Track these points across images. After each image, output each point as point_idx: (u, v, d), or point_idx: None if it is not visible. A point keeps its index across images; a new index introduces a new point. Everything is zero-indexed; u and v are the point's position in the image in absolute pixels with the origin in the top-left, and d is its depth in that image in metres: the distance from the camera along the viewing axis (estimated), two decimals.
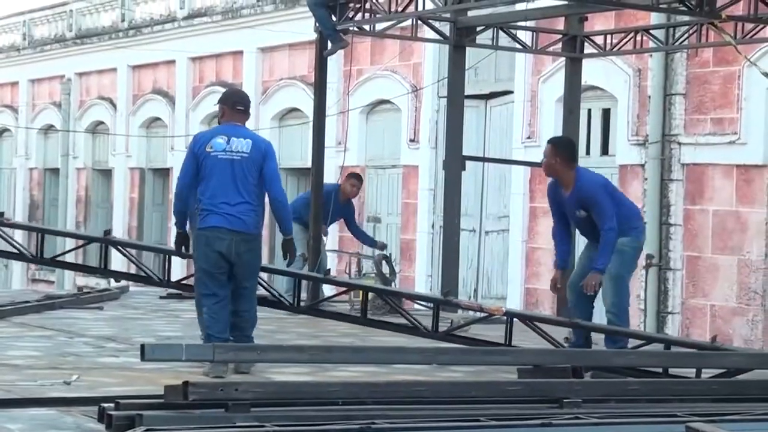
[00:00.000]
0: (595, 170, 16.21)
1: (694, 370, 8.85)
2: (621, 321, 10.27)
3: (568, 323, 10.53)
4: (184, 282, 11.58)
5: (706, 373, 8.80)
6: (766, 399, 7.28)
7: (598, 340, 10.55)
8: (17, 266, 30.28)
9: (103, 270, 10.40)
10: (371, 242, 16.21)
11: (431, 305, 11.19)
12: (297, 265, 10.75)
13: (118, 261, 22.58)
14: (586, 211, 10.18)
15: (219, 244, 8.73)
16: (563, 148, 10.49)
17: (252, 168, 8.79)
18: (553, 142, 10.78)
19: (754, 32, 12.81)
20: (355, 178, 15.86)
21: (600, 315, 10.90)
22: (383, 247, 15.86)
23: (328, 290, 14.72)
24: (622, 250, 10.19)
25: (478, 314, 11.14)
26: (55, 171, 29.25)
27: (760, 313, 14.42)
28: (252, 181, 8.81)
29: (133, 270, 12.74)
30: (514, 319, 10.54)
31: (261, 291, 10.19)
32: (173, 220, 9.64)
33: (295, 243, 9.49)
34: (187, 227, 9.27)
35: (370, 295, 14.24)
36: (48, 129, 29.60)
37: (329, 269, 13.97)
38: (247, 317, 8.99)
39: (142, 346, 7.72)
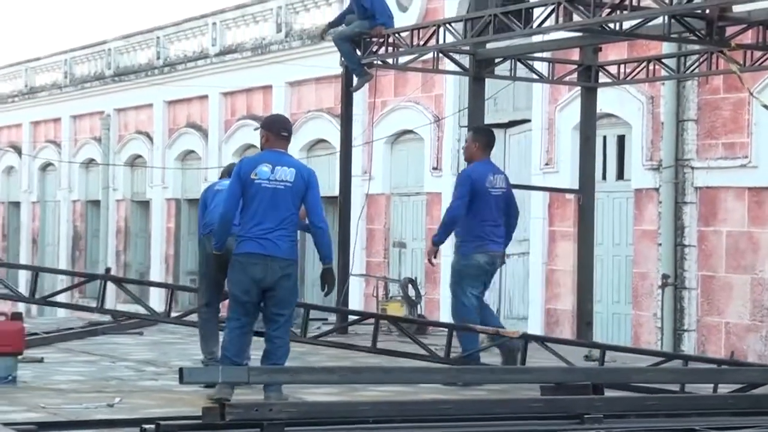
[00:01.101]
0: (611, 195, 16.33)
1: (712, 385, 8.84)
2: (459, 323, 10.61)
3: (584, 343, 10.51)
4: (185, 317, 11.26)
5: (723, 388, 8.76)
6: None
7: (614, 357, 10.48)
8: (62, 294, 30.40)
9: (101, 308, 10.03)
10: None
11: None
12: None
13: (155, 295, 22.76)
14: None
15: (253, 269, 8.45)
16: (481, 135, 10.94)
17: (294, 197, 8.52)
18: (473, 129, 11.37)
19: (762, 59, 12.78)
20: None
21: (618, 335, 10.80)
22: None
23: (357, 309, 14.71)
24: (451, 266, 10.52)
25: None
26: (96, 203, 29.42)
27: None
28: (293, 210, 8.53)
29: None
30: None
31: None
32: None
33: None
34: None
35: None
36: (89, 163, 29.81)
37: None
38: (281, 344, 8.59)
39: (181, 370, 7.72)
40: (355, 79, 14.48)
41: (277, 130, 8.78)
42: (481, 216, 10.46)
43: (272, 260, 8.47)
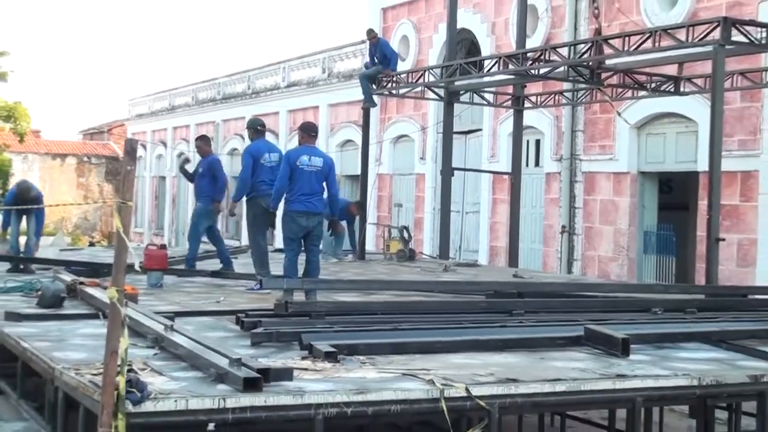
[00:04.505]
0: (531, 176, 16.26)
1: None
2: (190, 245, 10.60)
3: (515, 274, 10.44)
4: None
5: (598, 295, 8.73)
6: (630, 310, 7.23)
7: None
8: None
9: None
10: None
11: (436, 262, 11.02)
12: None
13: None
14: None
15: (300, 220, 8.44)
16: (202, 140, 10.81)
17: (321, 177, 8.53)
18: (198, 137, 11.05)
19: (623, 93, 12.80)
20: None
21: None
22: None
23: (370, 246, 14.65)
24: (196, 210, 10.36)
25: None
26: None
27: (626, 260, 14.35)
28: (321, 183, 8.57)
29: None
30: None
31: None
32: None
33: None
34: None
35: (395, 249, 14.16)
36: None
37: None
38: (316, 265, 8.67)
39: (260, 280, 7.74)
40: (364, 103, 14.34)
41: (308, 131, 8.75)
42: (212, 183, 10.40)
43: (312, 215, 8.47)
